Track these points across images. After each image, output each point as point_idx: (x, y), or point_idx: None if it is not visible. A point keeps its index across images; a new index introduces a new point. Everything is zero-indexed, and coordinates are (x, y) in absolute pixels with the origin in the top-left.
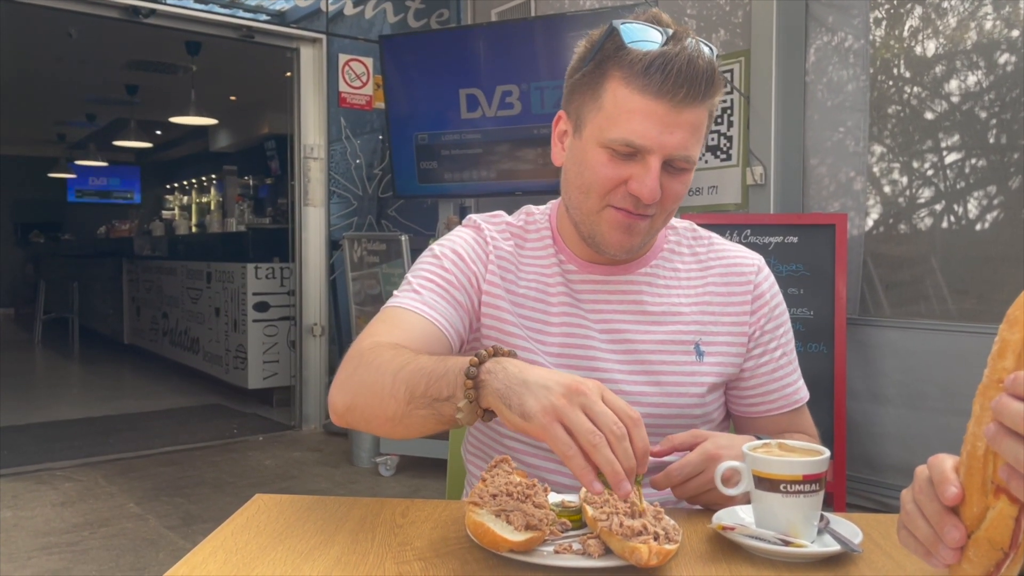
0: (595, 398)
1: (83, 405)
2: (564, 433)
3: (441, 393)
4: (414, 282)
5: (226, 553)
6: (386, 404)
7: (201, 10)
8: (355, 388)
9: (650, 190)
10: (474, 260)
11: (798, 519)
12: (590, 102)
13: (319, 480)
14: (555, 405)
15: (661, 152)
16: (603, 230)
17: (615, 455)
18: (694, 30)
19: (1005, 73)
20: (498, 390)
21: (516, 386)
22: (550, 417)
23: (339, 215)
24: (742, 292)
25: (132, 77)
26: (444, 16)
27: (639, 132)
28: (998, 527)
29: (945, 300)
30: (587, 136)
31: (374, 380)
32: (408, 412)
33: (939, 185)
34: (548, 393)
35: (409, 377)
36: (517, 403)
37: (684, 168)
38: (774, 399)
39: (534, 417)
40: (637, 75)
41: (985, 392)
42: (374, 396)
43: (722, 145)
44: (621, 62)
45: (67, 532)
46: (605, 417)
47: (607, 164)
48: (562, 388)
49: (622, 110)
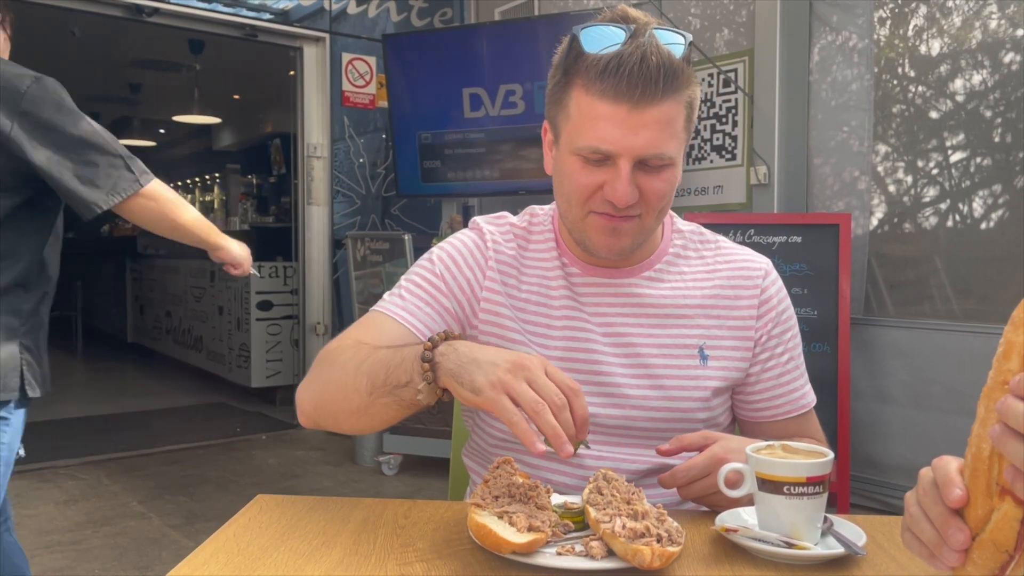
0: (538, 372)
1: (86, 404)
2: (510, 403)
3: (400, 380)
4: (404, 286)
5: (228, 554)
6: (351, 398)
7: (204, 9)
8: (320, 387)
9: (622, 194)
10: (471, 266)
11: (801, 521)
12: (561, 112)
13: (322, 479)
14: (501, 379)
15: (629, 154)
16: (590, 236)
17: (557, 422)
18: (698, 28)
19: (1010, 72)
20: (451, 370)
21: (467, 364)
22: (497, 390)
23: (342, 214)
24: (749, 296)
25: (135, 75)
26: (447, 15)
27: (603, 137)
28: (1003, 529)
29: (949, 300)
30: (562, 145)
31: (338, 376)
32: (371, 402)
33: (943, 185)
34: (495, 369)
35: (369, 369)
36: (468, 380)
37: (661, 165)
38: (780, 404)
39: (483, 391)
40: (594, 80)
41: (990, 394)
42: (339, 392)
43: (727, 145)
44: (580, 69)
45: (70, 530)
46: (547, 388)
47: (581, 172)
48: (508, 364)
49: (586, 117)
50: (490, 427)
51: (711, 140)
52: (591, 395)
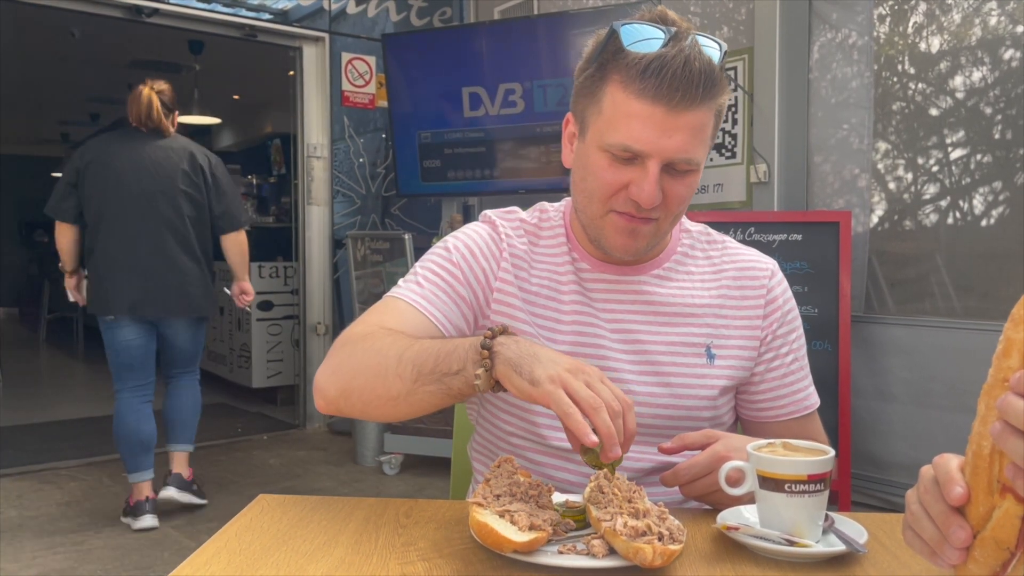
0: (598, 378)
1: (87, 404)
2: (567, 397)
3: (451, 368)
4: (420, 273)
5: (229, 554)
6: (390, 384)
7: (204, 9)
8: (351, 372)
9: (648, 195)
10: (487, 256)
11: (803, 519)
12: (592, 105)
13: (323, 479)
14: (561, 376)
15: (660, 156)
16: (607, 234)
17: (612, 422)
18: (698, 27)
19: (1010, 69)
20: (510, 359)
21: (527, 356)
22: (556, 384)
23: (343, 214)
24: (755, 296)
25: (135, 76)
26: (447, 14)
27: (636, 136)
28: (1004, 527)
29: (950, 297)
30: (589, 140)
31: (376, 363)
32: (414, 390)
33: (944, 182)
34: (556, 365)
35: (415, 356)
36: (528, 370)
37: (687, 171)
38: (784, 404)
39: (541, 383)
40: (633, 79)
41: (990, 391)
42: (376, 377)
43: (727, 143)
44: (619, 65)
45: (72, 531)
46: (607, 392)
47: (607, 169)
48: (569, 363)
49: (620, 114)
50: (498, 419)
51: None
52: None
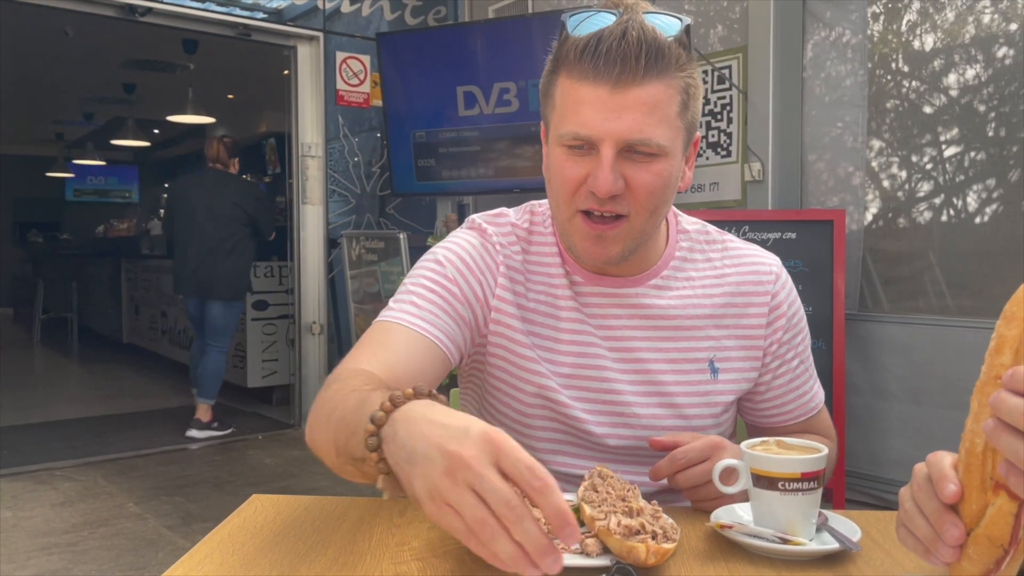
0: (481, 471)
1: (82, 404)
2: (458, 519)
3: (356, 452)
4: (414, 291)
5: (223, 554)
6: (328, 450)
7: (198, 8)
8: (311, 424)
9: (602, 182)
10: (481, 270)
11: (796, 517)
12: (548, 102)
13: (318, 479)
14: (438, 488)
15: (611, 139)
16: (576, 241)
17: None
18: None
19: (1004, 67)
20: (394, 467)
21: (404, 464)
22: (438, 502)
23: (337, 213)
24: (759, 304)
25: (129, 76)
26: (441, 13)
27: (583, 122)
28: (998, 524)
29: (944, 295)
30: (550, 139)
31: (319, 422)
32: (340, 466)
33: (938, 180)
34: (432, 469)
35: (336, 426)
36: (407, 484)
37: (649, 154)
38: (791, 409)
39: (424, 503)
40: (574, 62)
41: (983, 388)
42: (326, 442)
43: (722, 142)
44: (564, 54)
45: (67, 532)
46: (495, 495)
47: (566, 163)
48: (445, 462)
49: (569, 103)
50: (498, 412)
51: (706, 137)
52: (601, 415)
